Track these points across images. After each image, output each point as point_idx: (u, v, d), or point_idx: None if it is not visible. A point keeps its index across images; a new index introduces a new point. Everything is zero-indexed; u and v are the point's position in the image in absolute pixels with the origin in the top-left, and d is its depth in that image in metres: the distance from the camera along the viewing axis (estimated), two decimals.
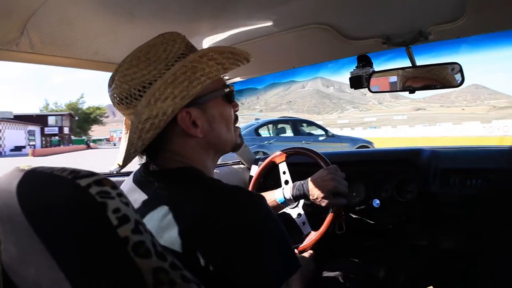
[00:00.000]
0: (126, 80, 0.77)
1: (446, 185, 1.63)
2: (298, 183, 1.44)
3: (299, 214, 1.57)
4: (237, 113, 0.93)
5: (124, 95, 0.76)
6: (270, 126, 9.97)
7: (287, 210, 1.60)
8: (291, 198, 1.44)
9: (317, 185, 1.35)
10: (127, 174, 1.30)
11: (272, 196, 1.47)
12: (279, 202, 1.45)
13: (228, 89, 0.85)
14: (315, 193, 1.35)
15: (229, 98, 0.87)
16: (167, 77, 0.74)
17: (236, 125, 0.93)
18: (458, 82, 1.25)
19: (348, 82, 1.51)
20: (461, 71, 1.24)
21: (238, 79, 1.81)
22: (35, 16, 0.94)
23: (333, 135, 9.97)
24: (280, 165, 1.68)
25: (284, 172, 1.66)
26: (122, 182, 0.92)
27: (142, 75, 0.76)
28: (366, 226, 1.82)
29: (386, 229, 1.76)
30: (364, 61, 1.45)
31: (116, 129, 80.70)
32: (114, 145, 55.52)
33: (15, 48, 1.06)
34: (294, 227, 1.61)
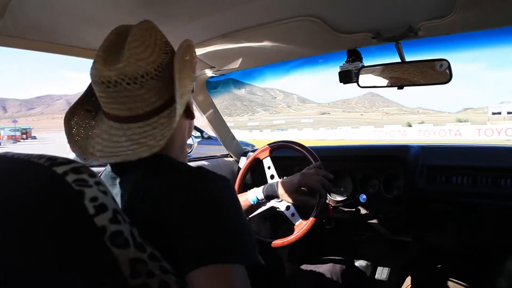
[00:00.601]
0: (141, 58, 0.75)
1: (432, 181, 1.64)
2: (267, 184, 1.48)
3: (288, 207, 1.57)
4: None
5: (140, 73, 0.74)
6: None
7: (275, 204, 1.60)
8: (263, 198, 1.46)
9: (286, 185, 1.40)
10: None
11: (246, 197, 1.48)
12: (252, 203, 1.46)
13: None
14: (283, 193, 1.40)
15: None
16: (176, 70, 0.77)
17: None
18: (447, 78, 1.25)
19: (259, 85, 1.56)
20: (449, 67, 1.24)
21: (227, 71, 1.79)
22: (15, 0, 0.92)
23: (209, 137, 8.69)
24: (264, 160, 1.68)
25: (269, 167, 1.65)
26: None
27: (157, 57, 0.77)
28: (353, 221, 1.83)
29: (372, 224, 1.77)
30: (354, 56, 1.44)
31: (4, 127, 66.56)
32: None
33: None
34: (284, 219, 1.61)
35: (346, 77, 1.47)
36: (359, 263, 2.10)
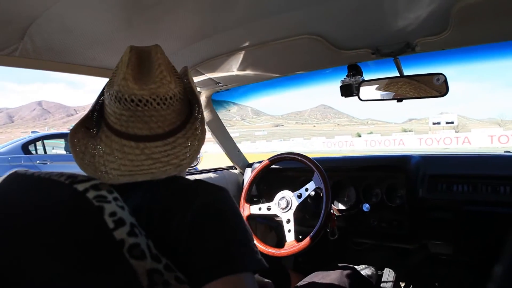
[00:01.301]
0: (169, 82, 0.78)
1: (434, 190, 1.67)
2: None
3: (288, 220, 1.61)
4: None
5: (170, 95, 0.77)
6: (40, 142, 8.17)
7: (280, 213, 1.64)
8: None
9: None
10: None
11: None
12: None
13: None
14: None
15: None
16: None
17: None
18: (443, 91, 1.29)
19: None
20: (445, 81, 1.29)
21: (231, 86, 1.85)
22: (35, 24, 0.97)
23: None
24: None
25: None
26: None
27: (178, 81, 0.82)
28: (357, 230, 1.86)
29: (376, 233, 1.80)
30: (354, 70, 1.49)
31: None
32: None
33: (15, 53, 1.10)
34: (282, 231, 1.65)
35: (347, 90, 1.51)
36: (365, 271, 2.11)
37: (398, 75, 1.42)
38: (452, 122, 70.91)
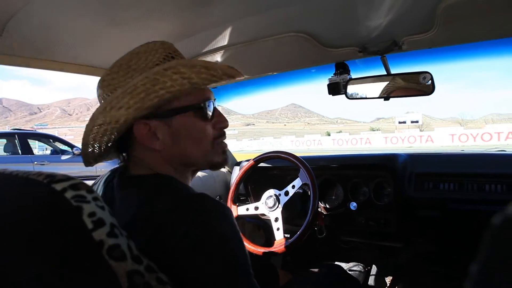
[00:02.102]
0: (103, 85, 0.80)
1: (421, 188, 1.68)
2: None
3: (276, 219, 1.60)
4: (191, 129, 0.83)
5: (100, 98, 0.79)
6: None
7: (267, 212, 1.63)
8: None
9: None
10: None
11: None
12: None
13: (202, 105, 0.82)
14: None
15: (202, 114, 0.82)
16: (128, 87, 0.74)
17: (223, 144, 0.91)
18: (430, 90, 1.30)
19: None
20: (432, 79, 1.30)
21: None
22: (13, 20, 0.95)
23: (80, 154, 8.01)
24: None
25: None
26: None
27: (117, 82, 0.79)
28: (345, 228, 1.87)
29: (364, 231, 1.80)
30: (342, 68, 1.49)
31: None
32: None
33: None
34: (270, 230, 1.65)
35: (335, 89, 1.51)
36: (354, 268, 2.13)
37: (385, 73, 1.42)
38: (417, 121, 72.22)
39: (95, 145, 0.81)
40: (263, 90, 1.95)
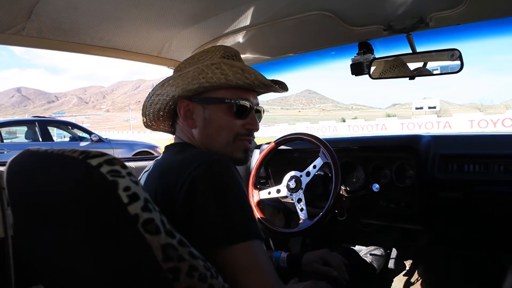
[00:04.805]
0: (175, 69, 1.01)
1: (445, 170, 1.65)
2: (293, 254, 1.41)
3: (299, 199, 1.61)
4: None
5: None
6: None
7: (290, 194, 1.64)
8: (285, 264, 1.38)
9: (311, 256, 1.35)
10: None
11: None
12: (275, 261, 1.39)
13: (233, 102, 0.93)
14: (306, 263, 1.35)
15: (234, 111, 0.94)
16: (183, 72, 0.91)
17: (246, 143, 1.00)
18: (458, 68, 1.26)
19: None
20: (460, 57, 1.26)
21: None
22: (41, 2, 0.96)
23: (100, 140, 8.08)
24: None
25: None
26: None
27: (183, 67, 0.98)
28: (366, 211, 1.86)
29: (385, 214, 1.79)
30: (365, 48, 1.46)
31: None
32: None
33: (22, 33, 1.09)
34: (294, 211, 1.65)
35: (358, 69, 1.49)
36: (374, 252, 2.12)
37: (411, 52, 1.38)
38: (434, 107, 70.52)
39: (150, 109, 1.01)
40: (281, 73, 1.94)
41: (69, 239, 0.61)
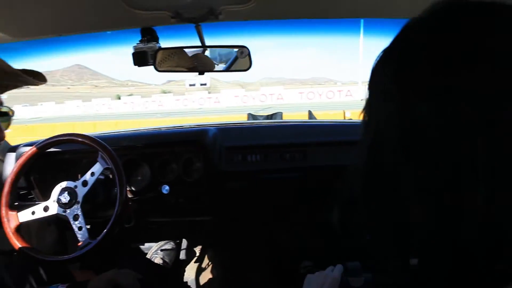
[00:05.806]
0: None
1: (231, 162, 1.70)
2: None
3: (76, 216, 1.32)
4: None
5: None
6: None
7: (62, 211, 1.33)
8: None
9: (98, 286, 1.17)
10: None
11: None
12: None
13: None
14: None
15: None
16: None
17: None
18: (247, 66, 1.26)
19: None
20: (249, 55, 1.25)
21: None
22: None
23: None
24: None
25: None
26: None
27: None
28: (154, 210, 1.74)
29: (175, 210, 1.73)
30: (149, 35, 1.28)
31: None
32: None
33: None
34: (64, 223, 1.36)
35: (141, 59, 1.30)
36: (165, 246, 2.16)
37: (200, 44, 1.29)
38: (205, 84, 79.18)
39: None
40: (45, 55, 1.53)
41: None
